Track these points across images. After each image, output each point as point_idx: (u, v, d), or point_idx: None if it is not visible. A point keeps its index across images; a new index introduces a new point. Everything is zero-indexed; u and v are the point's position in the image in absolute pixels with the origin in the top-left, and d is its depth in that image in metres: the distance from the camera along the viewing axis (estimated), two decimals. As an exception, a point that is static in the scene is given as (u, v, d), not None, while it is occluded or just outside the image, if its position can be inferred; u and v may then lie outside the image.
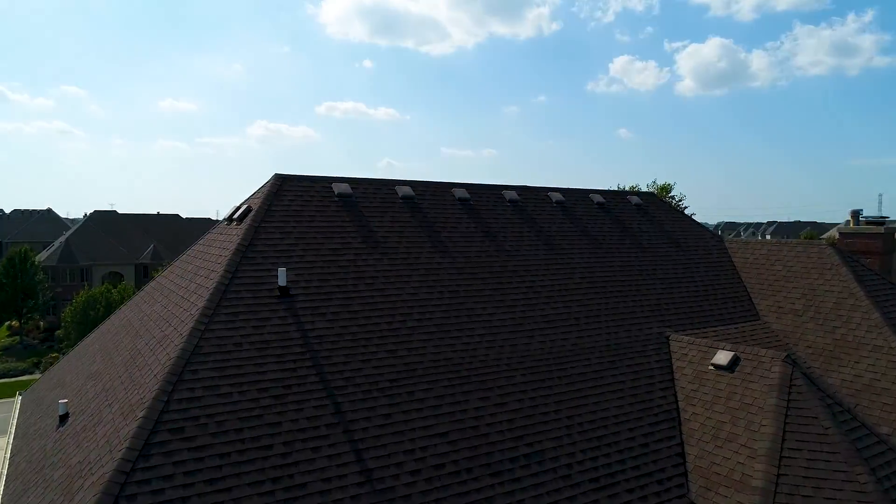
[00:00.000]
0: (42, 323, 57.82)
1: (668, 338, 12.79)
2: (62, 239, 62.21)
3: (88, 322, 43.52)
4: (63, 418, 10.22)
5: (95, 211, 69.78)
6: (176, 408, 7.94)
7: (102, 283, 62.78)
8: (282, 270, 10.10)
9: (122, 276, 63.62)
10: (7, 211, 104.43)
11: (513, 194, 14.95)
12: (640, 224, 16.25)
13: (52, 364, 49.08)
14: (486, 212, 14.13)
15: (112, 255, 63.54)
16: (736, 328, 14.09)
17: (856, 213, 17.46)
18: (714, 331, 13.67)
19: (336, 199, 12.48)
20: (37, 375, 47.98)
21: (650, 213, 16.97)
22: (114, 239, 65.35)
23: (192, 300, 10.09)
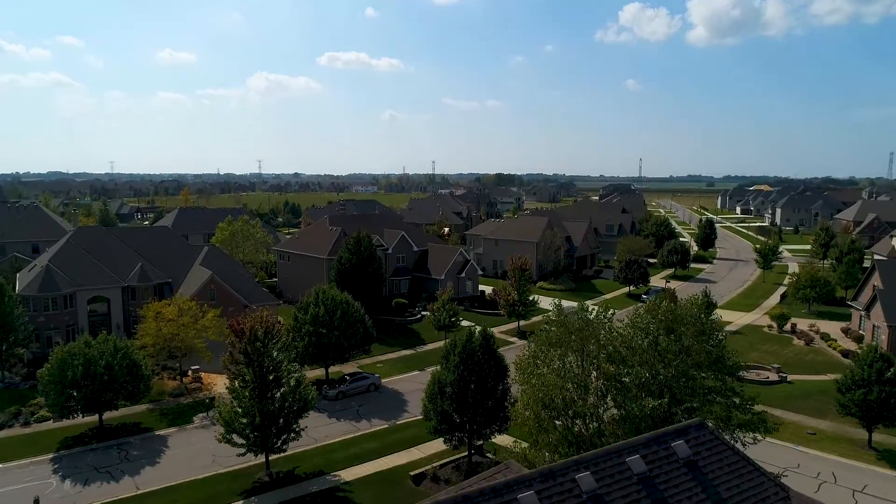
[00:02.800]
0: (26, 355, 54.95)
1: None
2: (43, 262, 58.72)
3: (66, 382, 40.67)
4: None
5: (79, 228, 66.24)
6: None
7: (87, 307, 59.79)
8: None
9: (108, 300, 60.49)
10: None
11: (531, 498, 11.56)
12: (690, 495, 12.90)
13: (32, 414, 46.28)
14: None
15: (97, 278, 60.16)
16: None
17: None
18: None
19: None
20: (17, 430, 45.22)
21: (701, 467, 13.59)
22: (98, 259, 61.84)
23: None
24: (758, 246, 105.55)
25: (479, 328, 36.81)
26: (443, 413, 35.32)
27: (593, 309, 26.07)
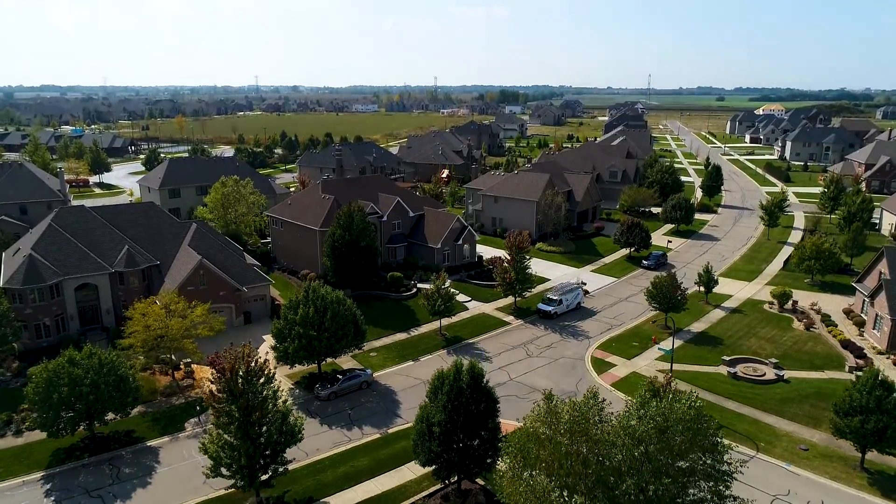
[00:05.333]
0: (18, 347, 54.33)
1: None
2: (25, 252, 56.98)
3: (53, 403, 40.15)
4: None
5: (61, 209, 64.00)
6: None
7: (75, 296, 58.65)
8: None
9: (96, 287, 59.29)
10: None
11: None
12: None
13: (24, 422, 46.09)
14: None
15: (83, 264, 58.57)
16: None
17: None
18: None
19: None
20: (9, 440, 45.07)
21: None
22: (83, 242, 60.06)
23: None
24: (763, 202, 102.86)
25: (467, 364, 35.71)
26: (431, 452, 34.88)
27: (583, 402, 24.74)
